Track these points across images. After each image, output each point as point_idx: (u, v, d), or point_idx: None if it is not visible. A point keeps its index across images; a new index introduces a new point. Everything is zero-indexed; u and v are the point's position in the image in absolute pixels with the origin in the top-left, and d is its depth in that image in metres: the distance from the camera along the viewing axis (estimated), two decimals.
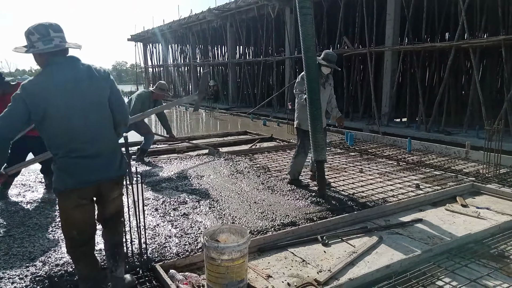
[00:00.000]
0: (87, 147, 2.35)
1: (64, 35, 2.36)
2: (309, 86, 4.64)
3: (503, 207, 4.49)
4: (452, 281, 2.88)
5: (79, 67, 2.38)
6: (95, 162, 2.38)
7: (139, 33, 31.14)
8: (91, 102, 2.36)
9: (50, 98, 2.24)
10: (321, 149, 4.72)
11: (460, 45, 10.46)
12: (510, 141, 8.11)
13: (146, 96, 6.66)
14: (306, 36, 4.64)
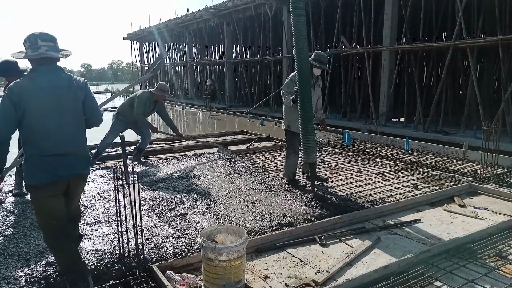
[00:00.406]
0: (59, 147, 2.61)
1: (53, 44, 2.61)
2: (301, 88, 4.62)
3: (500, 207, 4.49)
4: (450, 282, 2.87)
5: (60, 76, 2.65)
6: (66, 160, 2.64)
7: (135, 31, 31.04)
8: (66, 108, 2.63)
9: (29, 100, 2.51)
10: (312, 151, 4.70)
11: (457, 45, 10.47)
12: (507, 141, 8.14)
13: (148, 97, 6.59)
14: (299, 38, 4.63)
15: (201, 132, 11.11)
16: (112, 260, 3.18)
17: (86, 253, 3.29)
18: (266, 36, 18.07)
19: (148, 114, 6.81)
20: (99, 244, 3.48)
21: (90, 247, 3.42)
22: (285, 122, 5.29)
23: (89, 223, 3.99)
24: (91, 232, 3.75)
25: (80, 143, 2.74)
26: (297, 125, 5.14)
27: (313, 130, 4.72)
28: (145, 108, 6.50)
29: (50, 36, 2.62)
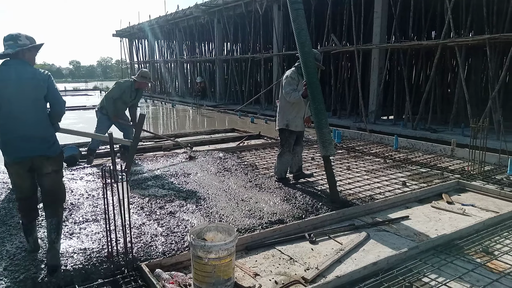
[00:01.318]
0: (21, 131, 2.99)
1: (12, 42, 3.01)
2: (310, 81, 4.54)
3: (487, 204, 4.55)
4: (438, 277, 2.91)
5: (25, 69, 3.02)
6: (27, 143, 3.01)
7: (124, 28, 30.76)
8: (28, 97, 2.99)
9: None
10: (329, 144, 4.55)
11: (446, 44, 10.58)
12: (494, 138, 8.24)
13: (127, 85, 6.45)
14: (300, 31, 4.56)
15: (191, 129, 11.06)
16: (100, 259, 3.15)
17: (73, 252, 3.25)
18: (256, 33, 18.04)
19: (130, 103, 6.62)
20: (87, 243, 3.44)
21: (78, 245, 3.38)
22: (282, 121, 5.19)
23: (77, 221, 3.94)
24: (79, 231, 3.71)
25: (41, 127, 3.08)
26: (297, 123, 5.15)
27: (327, 123, 4.61)
28: (123, 94, 6.37)
29: (10, 36, 3.05)
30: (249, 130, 10.25)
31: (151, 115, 16.65)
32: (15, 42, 3.02)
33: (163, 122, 14.74)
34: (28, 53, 3.09)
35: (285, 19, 16.80)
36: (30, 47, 3.07)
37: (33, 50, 3.14)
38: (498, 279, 2.89)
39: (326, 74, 15.49)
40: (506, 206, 4.46)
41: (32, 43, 3.10)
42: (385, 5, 12.18)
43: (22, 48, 3.02)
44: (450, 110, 11.37)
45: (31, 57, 3.14)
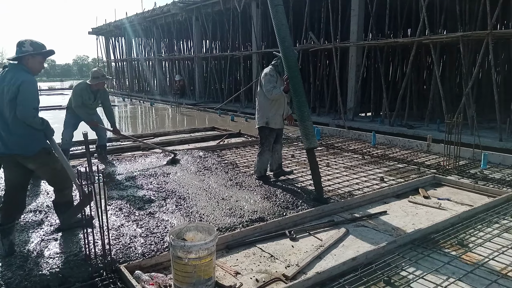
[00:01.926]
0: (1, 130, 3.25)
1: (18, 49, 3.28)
2: (291, 75, 4.59)
3: (462, 198, 4.67)
4: (415, 271, 2.97)
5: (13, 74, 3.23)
6: (5, 141, 3.25)
7: (100, 26, 30.16)
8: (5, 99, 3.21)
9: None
10: (312, 136, 4.60)
11: (421, 41, 10.79)
12: (468, 134, 8.46)
13: (83, 88, 6.18)
14: (280, 27, 4.61)
15: (171, 128, 10.95)
16: (78, 262, 3.09)
17: (50, 256, 3.18)
18: (235, 31, 17.98)
19: (93, 105, 6.34)
20: (64, 246, 3.37)
21: (55, 249, 3.30)
22: (262, 119, 5.18)
23: (53, 224, 3.85)
24: (55, 234, 3.63)
25: (15, 128, 3.24)
26: (277, 121, 5.17)
27: (309, 115, 4.66)
28: (83, 99, 6.14)
29: (18, 42, 3.30)
30: (229, 128, 10.22)
31: (129, 114, 16.41)
32: (20, 48, 3.28)
33: (141, 121, 14.54)
34: (31, 59, 3.32)
35: (264, 17, 16.81)
36: (32, 53, 3.28)
37: (36, 56, 3.34)
38: (473, 270, 2.97)
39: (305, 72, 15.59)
40: (480, 199, 4.59)
41: (35, 50, 3.30)
42: (362, 3, 12.33)
43: (24, 55, 3.26)
44: (426, 106, 11.62)
45: (34, 63, 3.34)
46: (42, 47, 3.37)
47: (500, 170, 5.83)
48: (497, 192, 4.71)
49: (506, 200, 4.42)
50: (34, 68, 3.36)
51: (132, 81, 29.30)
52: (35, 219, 4.00)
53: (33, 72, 3.36)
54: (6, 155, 3.29)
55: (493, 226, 3.78)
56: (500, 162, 6.16)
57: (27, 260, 3.13)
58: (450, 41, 10.96)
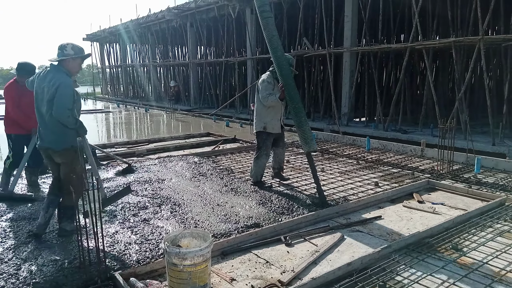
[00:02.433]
0: (40, 124, 3.65)
1: (59, 52, 3.61)
2: (285, 83, 4.73)
3: (456, 202, 4.70)
4: (410, 276, 2.98)
5: (53, 75, 3.53)
6: (42, 135, 3.66)
7: (95, 32, 30.14)
8: (44, 98, 3.53)
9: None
10: (311, 140, 4.71)
11: (414, 47, 10.88)
12: (462, 138, 8.53)
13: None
14: (271, 38, 4.74)
15: (166, 134, 10.93)
16: (72, 269, 3.07)
17: (43, 264, 3.15)
18: (230, 37, 18.04)
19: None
20: (58, 253, 3.34)
21: (49, 256, 3.28)
22: (259, 124, 5.26)
23: (47, 231, 3.82)
24: (49, 241, 3.60)
25: (50, 125, 3.55)
26: (274, 125, 5.25)
27: (307, 120, 4.78)
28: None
29: (59, 45, 3.62)
30: (224, 134, 10.22)
31: (123, 120, 16.36)
32: (62, 51, 3.59)
33: (136, 128, 14.50)
34: (71, 62, 3.63)
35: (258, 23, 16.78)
36: (73, 57, 3.60)
37: (76, 59, 3.66)
38: (467, 274, 2.99)
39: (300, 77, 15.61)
40: (474, 203, 4.62)
41: (76, 53, 3.62)
42: (355, 9, 12.43)
43: (64, 58, 3.58)
44: (419, 111, 11.69)
45: (73, 65, 3.65)
46: (82, 50, 3.69)
47: (493, 174, 5.88)
48: (491, 196, 4.74)
49: (500, 204, 4.45)
50: (73, 70, 3.67)
51: (127, 87, 29.24)
52: (28, 227, 3.96)
53: (72, 73, 3.67)
54: (42, 148, 3.71)
55: (487, 230, 3.80)
56: (493, 167, 6.20)
57: (20, 268, 3.11)
58: (443, 46, 11.06)
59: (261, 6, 4.76)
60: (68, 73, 3.60)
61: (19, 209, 4.49)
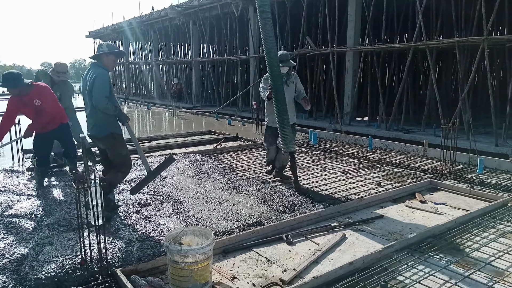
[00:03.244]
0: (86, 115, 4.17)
1: (98, 49, 4.13)
2: (273, 84, 4.81)
3: (458, 202, 4.68)
4: (412, 276, 2.97)
5: (92, 69, 4.05)
6: (88, 124, 4.18)
7: (98, 29, 30.19)
8: (85, 90, 4.03)
9: None
10: (290, 141, 4.90)
11: (417, 46, 10.84)
12: (464, 138, 8.49)
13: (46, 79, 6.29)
14: (267, 38, 4.80)
15: (168, 132, 10.93)
16: (73, 266, 3.07)
17: (45, 260, 3.16)
18: (232, 35, 18.02)
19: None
20: (60, 250, 3.34)
21: (50, 253, 3.28)
22: (266, 119, 5.65)
23: (49, 227, 3.83)
24: (51, 237, 3.60)
25: (92, 114, 4.05)
26: (272, 119, 5.39)
27: (289, 122, 4.90)
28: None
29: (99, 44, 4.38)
30: (226, 132, 10.22)
31: None
32: (98, 49, 4.09)
33: (138, 125, 14.51)
34: (105, 58, 4.08)
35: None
36: (106, 52, 4.04)
37: (110, 55, 4.08)
38: (469, 275, 2.98)
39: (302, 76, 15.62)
40: (476, 204, 4.61)
41: (109, 50, 4.07)
42: (359, 9, 12.40)
43: (100, 53, 4.04)
44: (422, 111, 11.66)
45: (108, 61, 4.09)
46: (115, 47, 4.16)
47: (496, 175, 5.86)
48: (493, 197, 4.73)
49: (502, 205, 4.44)
50: (108, 65, 4.11)
51: (129, 84, 29.28)
52: (30, 223, 3.97)
53: (108, 68, 4.11)
54: (89, 136, 4.18)
55: (490, 230, 3.79)
56: (496, 167, 6.18)
57: (22, 264, 3.11)
58: (446, 46, 11.02)
59: (262, 6, 4.83)
60: (104, 68, 4.06)
61: (20, 205, 4.50)
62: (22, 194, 4.94)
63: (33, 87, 5.06)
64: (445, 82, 14.80)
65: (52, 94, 5.33)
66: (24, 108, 5.07)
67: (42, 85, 5.27)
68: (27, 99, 5.00)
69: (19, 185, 5.36)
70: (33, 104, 5.02)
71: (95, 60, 4.17)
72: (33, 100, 5.01)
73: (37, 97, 5.04)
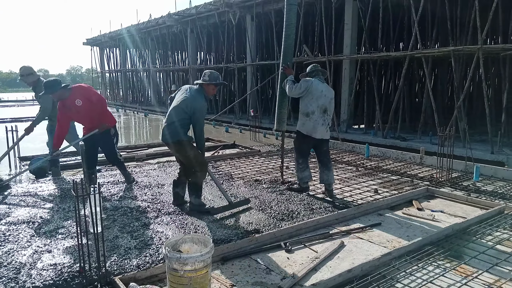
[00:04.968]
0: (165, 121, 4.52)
1: (201, 77, 4.53)
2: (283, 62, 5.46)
3: (455, 210, 4.71)
4: (410, 283, 2.98)
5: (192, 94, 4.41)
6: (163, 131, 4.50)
7: (95, 37, 30.25)
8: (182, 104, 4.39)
9: None
10: (283, 122, 5.68)
11: (413, 55, 10.96)
12: (461, 146, 8.56)
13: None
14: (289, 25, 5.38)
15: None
16: (72, 274, 3.06)
17: (43, 268, 3.15)
18: (230, 43, 18.12)
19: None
20: (58, 258, 3.34)
21: (49, 261, 3.27)
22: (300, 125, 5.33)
23: (48, 235, 3.81)
24: (49, 245, 3.59)
25: (173, 125, 4.38)
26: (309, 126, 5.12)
27: (287, 105, 5.72)
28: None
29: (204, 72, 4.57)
30: (223, 139, 10.24)
31: (122, 124, 16.37)
32: (203, 77, 4.48)
33: (135, 132, 14.52)
34: (206, 86, 4.46)
35: (258, 30, 16.97)
36: (207, 83, 4.43)
37: (210, 85, 4.46)
38: (467, 282, 2.99)
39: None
40: (473, 211, 4.64)
41: (210, 80, 4.43)
42: (355, 17, 12.52)
43: (202, 82, 4.46)
44: (418, 119, 11.75)
45: (208, 89, 4.48)
46: (215, 78, 4.44)
47: (492, 182, 5.90)
48: (490, 204, 4.76)
49: (499, 212, 4.47)
50: (208, 92, 4.49)
51: (126, 91, 29.29)
52: (28, 231, 3.96)
53: (207, 94, 4.50)
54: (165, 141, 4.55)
55: (487, 238, 3.81)
56: (492, 175, 6.23)
57: (19, 272, 3.10)
58: (442, 55, 11.14)
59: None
60: (205, 95, 4.44)
61: (17, 213, 4.48)
62: (20, 201, 4.93)
63: (72, 89, 5.18)
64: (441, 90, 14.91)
65: (96, 94, 5.44)
66: (69, 112, 5.22)
67: (83, 86, 5.45)
68: (69, 102, 5.15)
69: (17, 192, 5.34)
70: (75, 105, 5.15)
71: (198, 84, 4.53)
72: (75, 101, 5.15)
73: (78, 97, 5.16)
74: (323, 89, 5.11)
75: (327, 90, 5.18)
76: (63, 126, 5.27)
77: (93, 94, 5.37)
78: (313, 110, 5.03)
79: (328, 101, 5.13)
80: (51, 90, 5.08)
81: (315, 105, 5.02)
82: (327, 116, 5.14)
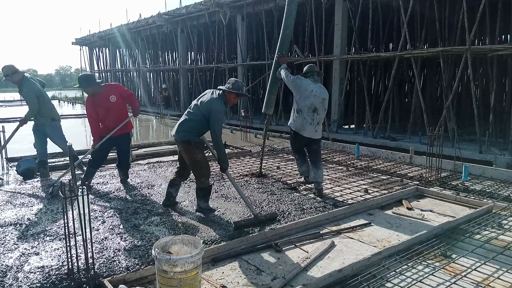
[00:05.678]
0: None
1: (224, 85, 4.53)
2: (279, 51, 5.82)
3: (444, 209, 4.75)
4: (400, 282, 2.99)
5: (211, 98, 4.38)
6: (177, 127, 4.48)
7: (84, 36, 29.96)
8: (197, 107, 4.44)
9: None
10: (271, 106, 6.10)
11: (402, 55, 11.04)
12: (449, 146, 8.63)
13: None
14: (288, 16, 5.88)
15: (155, 140, 10.86)
16: (60, 276, 3.02)
17: (30, 271, 3.10)
18: (220, 43, 18.08)
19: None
20: (46, 260, 3.29)
21: (36, 263, 3.22)
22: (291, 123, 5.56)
23: (35, 237, 3.76)
24: (37, 247, 3.54)
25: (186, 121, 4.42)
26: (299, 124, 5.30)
27: (277, 90, 6.10)
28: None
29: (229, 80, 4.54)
30: None
31: None
32: (227, 84, 4.45)
33: None
34: (228, 93, 4.41)
35: (249, 30, 16.96)
36: (229, 91, 4.38)
37: (232, 93, 4.40)
38: (456, 281, 3.01)
39: None
40: (462, 210, 4.68)
41: (232, 89, 4.38)
42: (345, 18, 12.58)
43: (224, 89, 4.43)
44: (408, 119, 11.84)
45: (229, 96, 4.43)
46: (239, 88, 4.41)
47: (480, 181, 5.96)
48: (478, 203, 4.81)
49: (487, 211, 4.52)
50: (229, 100, 4.45)
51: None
52: (15, 233, 3.90)
53: (228, 102, 4.44)
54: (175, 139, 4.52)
55: (475, 237, 3.85)
56: (480, 174, 6.30)
57: (6, 275, 3.04)
58: (431, 55, 11.25)
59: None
60: (225, 101, 4.39)
61: (4, 215, 4.41)
62: (7, 203, 4.85)
63: (106, 86, 5.39)
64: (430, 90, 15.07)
65: (125, 91, 5.61)
66: (97, 107, 5.29)
67: (115, 83, 5.72)
68: (101, 98, 5.27)
69: (4, 193, 5.25)
70: (109, 101, 5.30)
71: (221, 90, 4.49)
72: (109, 97, 5.31)
73: (113, 92, 5.37)
74: (313, 89, 5.16)
75: (320, 91, 5.22)
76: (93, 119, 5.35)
77: (124, 90, 5.61)
78: (301, 109, 5.23)
79: (319, 101, 5.16)
80: (87, 84, 5.25)
81: (303, 104, 5.20)
82: (316, 115, 5.17)
